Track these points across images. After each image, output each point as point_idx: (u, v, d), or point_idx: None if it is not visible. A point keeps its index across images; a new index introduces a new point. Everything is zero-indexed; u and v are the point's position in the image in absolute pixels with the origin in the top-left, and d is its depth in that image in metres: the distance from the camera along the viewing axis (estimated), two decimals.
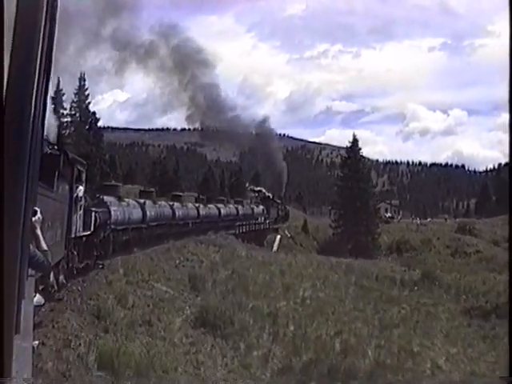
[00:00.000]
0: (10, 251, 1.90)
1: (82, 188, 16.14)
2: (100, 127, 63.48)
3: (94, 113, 60.31)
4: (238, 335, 16.68)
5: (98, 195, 21.43)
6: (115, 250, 22.65)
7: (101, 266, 19.34)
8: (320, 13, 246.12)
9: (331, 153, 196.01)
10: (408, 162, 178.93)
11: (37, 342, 7.92)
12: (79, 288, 14.87)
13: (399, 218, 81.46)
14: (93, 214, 18.00)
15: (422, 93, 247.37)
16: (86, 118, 57.74)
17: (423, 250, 62.11)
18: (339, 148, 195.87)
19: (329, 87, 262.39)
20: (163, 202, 33.11)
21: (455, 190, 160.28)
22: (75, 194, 15.30)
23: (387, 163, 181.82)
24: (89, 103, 59.70)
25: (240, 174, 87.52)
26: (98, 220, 18.91)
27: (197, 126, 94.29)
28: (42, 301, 9.20)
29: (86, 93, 59.44)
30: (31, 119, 2.12)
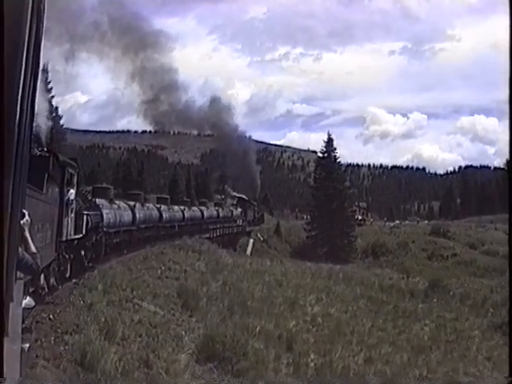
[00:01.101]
0: None
1: (73, 191, 15.95)
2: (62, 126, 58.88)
3: (56, 108, 55.44)
4: (254, 369, 13.02)
5: (90, 198, 21.12)
6: (107, 253, 22.48)
7: (93, 270, 18.72)
8: (281, 16, 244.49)
9: (292, 155, 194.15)
10: (369, 165, 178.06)
11: (27, 345, 5.91)
12: (51, 316, 10.96)
13: (371, 220, 78.91)
14: (84, 217, 17.57)
15: (383, 96, 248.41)
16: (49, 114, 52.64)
17: (400, 254, 59.53)
18: (300, 150, 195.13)
19: (289, 90, 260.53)
20: (151, 205, 32.26)
21: (416, 193, 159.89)
22: (66, 197, 15.06)
23: (348, 166, 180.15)
24: (52, 97, 54.65)
25: (206, 175, 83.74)
26: (90, 223, 18.65)
27: (158, 128, 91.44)
28: (33, 303, 8.28)
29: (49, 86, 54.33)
30: (18, 120, 2.11)
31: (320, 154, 60.19)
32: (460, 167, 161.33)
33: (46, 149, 13.69)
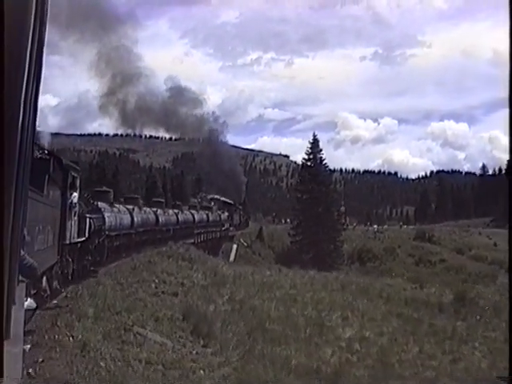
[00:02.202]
0: (1, 257, 1.95)
1: (76, 194, 15.56)
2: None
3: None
4: None
5: (92, 201, 20.19)
6: (108, 256, 21.87)
7: (95, 274, 18.01)
8: (253, 20, 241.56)
9: (264, 159, 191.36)
10: (341, 170, 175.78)
11: (28, 346, 6.87)
12: (31, 370, 7.17)
13: (354, 224, 75.96)
14: (87, 220, 17.12)
15: (354, 101, 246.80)
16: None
17: (387, 259, 56.61)
18: (272, 155, 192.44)
19: (261, 95, 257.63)
20: (148, 209, 31.11)
21: (388, 197, 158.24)
22: (69, 201, 14.69)
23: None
24: None
25: (181, 178, 79.93)
26: (93, 226, 18.19)
27: (129, 131, 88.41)
28: (34, 305, 7.17)
29: None
30: (21, 122, 2.09)
31: (305, 156, 56.75)
32: (432, 172, 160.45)
33: (46, 151, 13.03)
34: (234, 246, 50.09)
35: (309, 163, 56.49)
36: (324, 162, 56.53)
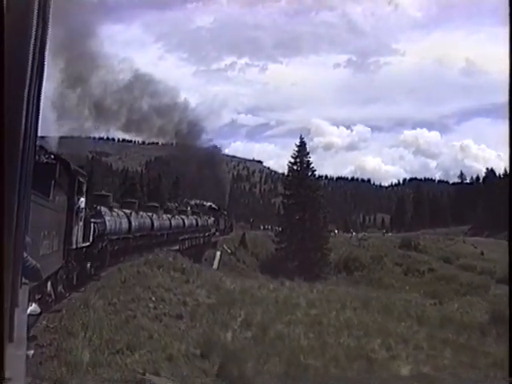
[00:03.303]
0: (3, 259, 1.84)
1: (83, 199, 15.45)
2: None
3: None
4: None
5: (94, 206, 19.70)
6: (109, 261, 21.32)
7: (97, 279, 17.83)
8: (228, 26, 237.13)
9: (237, 165, 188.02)
10: (314, 176, 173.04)
11: (32, 351, 6.18)
12: None
13: (336, 231, 72.92)
14: (92, 225, 17.09)
15: (327, 108, 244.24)
16: None
17: (374, 268, 53.52)
18: (245, 160, 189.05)
19: (235, 100, 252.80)
20: (143, 213, 30.11)
21: (362, 204, 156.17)
22: (76, 206, 14.39)
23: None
24: None
25: (159, 182, 75.96)
26: (97, 231, 18.13)
27: (102, 135, 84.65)
28: (39, 310, 7.22)
29: None
30: (24, 126, 2.08)
31: (291, 160, 53.37)
32: (405, 179, 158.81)
33: (52, 156, 12.59)
34: (218, 253, 46.43)
35: (295, 167, 53.18)
36: (311, 166, 53.28)
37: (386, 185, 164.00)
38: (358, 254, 55.36)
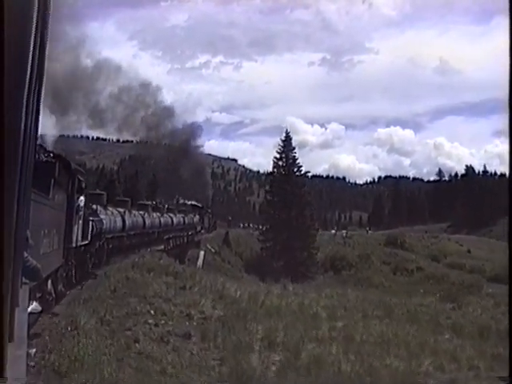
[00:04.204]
0: (3, 259, 1.84)
1: (82, 198, 15.32)
2: None
3: None
4: None
5: (90, 204, 18.90)
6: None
7: (94, 277, 17.22)
8: (202, 24, 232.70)
9: (212, 163, 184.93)
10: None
11: (34, 350, 6.36)
12: None
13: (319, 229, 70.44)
14: (90, 223, 16.69)
15: (301, 106, 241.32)
16: None
17: (362, 267, 51.20)
18: (220, 158, 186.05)
19: (209, 98, 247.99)
20: (136, 212, 29.53)
21: (337, 202, 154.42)
22: (76, 204, 14.32)
23: (269, 174, 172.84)
24: None
25: (136, 180, 72.63)
26: (95, 229, 17.92)
27: (76, 133, 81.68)
28: (39, 308, 7.19)
29: None
30: (23, 125, 2.03)
31: (277, 155, 50.65)
32: (380, 177, 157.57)
33: (52, 154, 12.12)
34: (202, 253, 43.45)
35: (280, 163, 50.51)
36: (297, 162, 50.67)
37: (361, 183, 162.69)
38: (344, 253, 53.03)
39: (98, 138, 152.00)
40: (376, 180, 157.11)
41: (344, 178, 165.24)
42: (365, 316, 16.41)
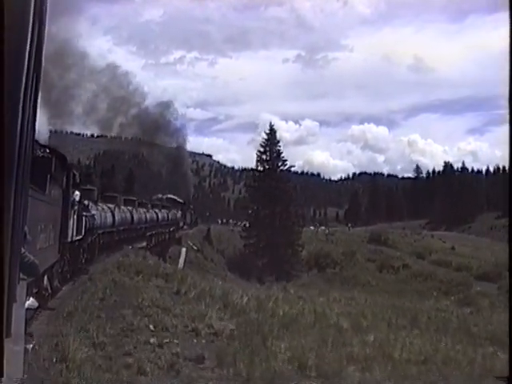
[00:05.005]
0: (1, 254, 1.82)
1: (78, 193, 15.23)
2: None
3: None
4: None
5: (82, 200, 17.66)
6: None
7: (86, 272, 16.48)
8: (177, 20, 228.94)
9: None
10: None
11: (31, 345, 5.40)
12: None
13: None
14: (83, 218, 16.51)
15: (275, 103, 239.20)
16: None
17: (347, 265, 49.20)
18: (195, 154, 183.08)
19: (184, 94, 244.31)
20: (124, 207, 28.60)
21: (312, 199, 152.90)
22: (72, 199, 14.16)
23: (243, 170, 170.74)
24: None
25: (112, 175, 69.77)
26: (88, 224, 17.79)
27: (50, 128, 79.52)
28: (36, 304, 6.83)
29: None
30: (20, 121, 2.01)
31: (261, 149, 48.36)
32: (354, 174, 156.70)
33: (48, 149, 11.77)
34: (183, 250, 40.89)
35: (264, 156, 48.24)
36: (282, 156, 48.44)
37: (336, 179, 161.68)
38: (328, 250, 50.93)
39: (71, 133, 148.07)
40: (351, 176, 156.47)
41: (319, 175, 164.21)
42: (390, 325, 14.25)
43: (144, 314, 11.20)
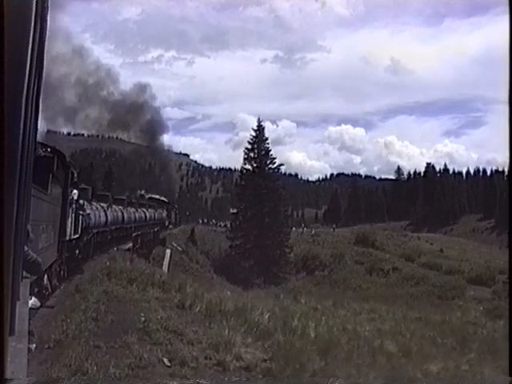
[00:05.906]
0: (4, 253, 1.80)
1: (76, 192, 15.33)
2: None
3: None
4: None
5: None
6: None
7: (81, 272, 16.46)
8: (155, 18, 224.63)
9: None
10: (241, 170, 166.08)
11: (34, 345, 5.65)
12: None
13: None
14: (80, 217, 16.67)
15: (253, 103, 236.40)
16: None
17: (336, 267, 47.06)
18: (172, 153, 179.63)
19: (161, 93, 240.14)
20: (115, 207, 28.06)
21: (289, 199, 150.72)
22: (70, 197, 14.30)
23: (221, 170, 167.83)
24: None
25: (90, 173, 66.91)
26: (84, 223, 17.99)
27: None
28: (38, 304, 6.72)
29: None
30: (23, 122, 2.00)
31: (248, 146, 45.86)
32: (332, 174, 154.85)
33: (49, 149, 11.93)
34: (168, 252, 38.21)
35: (252, 154, 45.75)
36: (270, 154, 46.05)
37: (313, 180, 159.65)
38: (316, 252, 48.75)
39: (48, 131, 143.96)
40: (328, 177, 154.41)
41: (296, 175, 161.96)
42: (436, 345, 11.91)
43: (153, 341, 8.63)
